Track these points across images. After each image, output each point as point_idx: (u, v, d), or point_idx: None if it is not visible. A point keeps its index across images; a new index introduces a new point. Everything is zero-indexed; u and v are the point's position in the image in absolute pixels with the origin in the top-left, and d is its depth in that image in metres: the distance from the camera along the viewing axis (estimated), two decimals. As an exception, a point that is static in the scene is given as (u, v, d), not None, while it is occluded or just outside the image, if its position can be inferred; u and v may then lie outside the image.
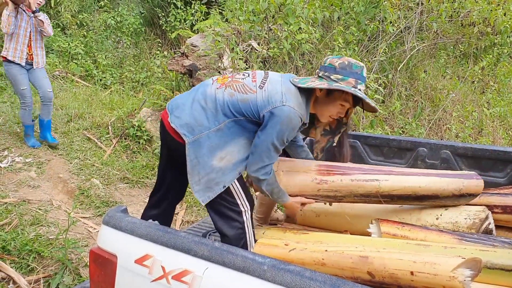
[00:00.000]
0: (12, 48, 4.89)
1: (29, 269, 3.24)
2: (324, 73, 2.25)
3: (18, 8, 4.84)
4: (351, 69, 2.21)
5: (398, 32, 6.34)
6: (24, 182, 4.37)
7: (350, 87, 2.18)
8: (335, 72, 2.22)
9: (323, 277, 1.37)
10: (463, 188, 2.34)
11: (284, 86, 2.24)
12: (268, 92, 2.21)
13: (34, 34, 5.00)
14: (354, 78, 2.21)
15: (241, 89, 2.27)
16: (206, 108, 2.25)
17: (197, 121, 2.24)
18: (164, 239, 1.65)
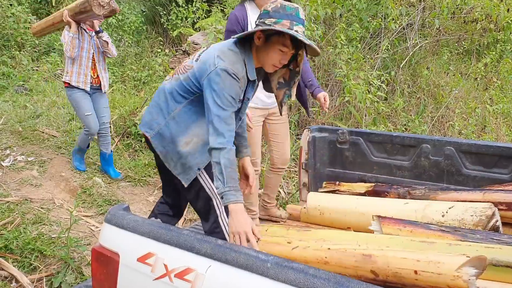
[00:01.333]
0: (76, 72, 4.44)
1: (32, 267, 3.23)
2: (260, 20, 2.22)
3: (80, 28, 4.42)
4: (284, 11, 2.17)
5: (400, 29, 6.31)
6: (26, 180, 4.36)
7: (285, 28, 2.13)
8: (268, 17, 2.18)
9: (327, 274, 1.35)
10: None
11: (218, 50, 2.23)
12: (202, 62, 2.23)
13: (97, 56, 4.56)
14: (289, 20, 2.15)
15: (183, 70, 2.33)
16: (158, 102, 2.35)
17: (153, 117, 2.34)
18: (166, 237, 1.64)
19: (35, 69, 7.87)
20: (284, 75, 2.45)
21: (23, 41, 8.26)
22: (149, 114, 2.38)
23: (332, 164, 3.32)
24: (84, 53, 4.45)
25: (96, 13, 4.00)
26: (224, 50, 2.22)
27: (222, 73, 2.13)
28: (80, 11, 4.10)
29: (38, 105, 6.34)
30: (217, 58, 2.17)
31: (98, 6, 3.96)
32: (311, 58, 6.08)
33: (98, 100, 4.65)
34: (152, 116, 2.36)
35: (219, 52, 2.21)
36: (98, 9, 4.00)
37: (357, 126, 5.46)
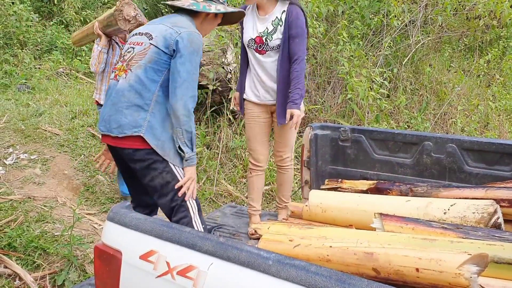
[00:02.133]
0: (104, 90, 4.03)
1: (35, 265, 3.26)
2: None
3: (111, 41, 4.07)
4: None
5: (403, 26, 6.29)
6: (29, 179, 4.38)
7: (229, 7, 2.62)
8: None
9: (328, 272, 1.36)
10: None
11: (170, 22, 2.48)
12: (160, 35, 2.41)
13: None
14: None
15: (139, 57, 2.41)
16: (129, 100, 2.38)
17: (133, 116, 2.37)
18: (168, 235, 1.64)
19: (37, 67, 7.88)
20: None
21: (25, 39, 8.28)
22: (125, 117, 2.38)
23: (334, 162, 3.32)
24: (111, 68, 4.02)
25: (122, 28, 3.68)
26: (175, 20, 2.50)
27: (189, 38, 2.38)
28: (107, 25, 3.83)
29: (41, 103, 6.36)
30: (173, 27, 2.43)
31: (123, 20, 3.65)
32: (313, 55, 6.07)
33: None
34: (132, 117, 2.37)
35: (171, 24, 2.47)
36: (123, 24, 3.66)
37: (360, 123, 5.45)
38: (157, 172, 2.44)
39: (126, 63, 2.45)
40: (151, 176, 2.46)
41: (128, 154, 2.44)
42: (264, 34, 3.20)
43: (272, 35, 3.18)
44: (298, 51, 3.13)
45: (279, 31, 3.15)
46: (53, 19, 9.15)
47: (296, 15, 3.11)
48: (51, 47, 8.51)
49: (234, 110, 5.48)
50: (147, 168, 2.45)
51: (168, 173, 2.45)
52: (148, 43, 2.42)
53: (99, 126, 2.54)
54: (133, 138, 2.39)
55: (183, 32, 2.38)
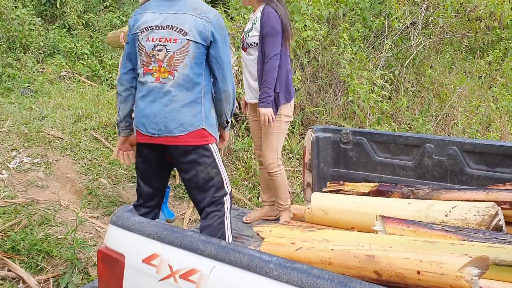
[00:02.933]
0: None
1: (39, 268, 3.27)
2: None
3: None
4: None
5: (404, 28, 6.30)
6: (32, 182, 4.40)
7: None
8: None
9: (330, 275, 1.37)
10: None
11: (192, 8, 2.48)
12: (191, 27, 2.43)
13: None
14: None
15: (181, 55, 2.46)
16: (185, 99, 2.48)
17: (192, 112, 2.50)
18: (171, 238, 1.66)
19: (40, 71, 7.90)
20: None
21: (28, 43, 8.31)
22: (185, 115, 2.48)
23: (335, 164, 3.33)
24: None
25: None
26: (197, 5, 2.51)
27: (219, 23, 2.48)
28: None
29: (44, 107, 6.38)
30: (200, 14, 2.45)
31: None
32: (314, 58, 6.09)
33: None
34: (190, 113, 2.49)
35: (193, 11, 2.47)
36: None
37: (361, 125, 5.46)
38: (203, 166, 2.55)
39: (165, 63, 2.46)
40: (197, 171, 2.55)
41: (183, 150, 2.53)
42: (245, 32, 3.39)
43: (249, 33, 3.33)
44: (269, 50, 3.19)
45: (255, 29, 3.28)
46: (56, 22, 9.18)
47: (267, 15, 3.18)
48: (54, 50, 8.53)
49: (236, 112, 5.49)
50: (195, 163, 2.54)
51: (214, 168, 2.57)
52: (185, 40, 2.43)
53: (147, 130, 2.55)
54: (194, 134, 2.51)
55: (212, 19, 2.44)
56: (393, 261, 1.79)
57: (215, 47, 2.46)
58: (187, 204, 4.57)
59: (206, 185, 2.58)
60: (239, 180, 4.91)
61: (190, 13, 2.44)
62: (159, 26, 2.46)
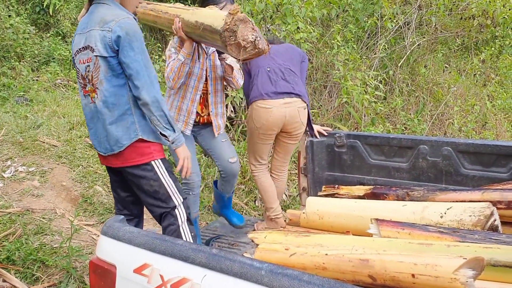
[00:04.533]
0: (175, 107, 3.16)
1: (34, 278, 3.24)
2: None
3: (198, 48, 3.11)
4: None
5: (397, 28, 6.31)
6: (27, 191, 4.37)
7: None
8: None
9: (321, 280, 1.36)
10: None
11: (95, 22, 2.41)
12: (96, 44, 2.38)
13: (212, 84, 3.20)
14: None
15: (95, 73, 2.42)
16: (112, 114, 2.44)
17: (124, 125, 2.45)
18: (161, 248, 1.64)
19: (35, 79, 7.88)
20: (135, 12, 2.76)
21: (23, 51, 8.28)
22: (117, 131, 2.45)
23: (330, 168, 3.32)
24: (192, 81, 3.13)
25: (231, 55, 2.65)
26: (101, 16, 2.41)
27: (123, 29, 2.33)
28: (199, 35, 2.78)
29: (39, 115, 6.36)
30: (104, 26, 2.36)
31: (236, 46, 2.56)
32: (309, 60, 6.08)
33: (210, 136, 3.35)
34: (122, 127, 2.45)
35: (97, 24, 2.39)
36: (235, 51, 2.58)
37: (357, 126, 5.46)
38: (146, 180, 2.52)
39: (91, 83, 2.47)
40: (139, 184, 2.55)
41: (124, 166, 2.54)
42: None
43: None
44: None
45: None
46: (50, 30, 9.16)
47: None
48: (49, 58, 8.50)
49: (231, 116, 5.48)
50: (137, 177, 2.53)
51: (156, 181, 2.53)
52: (94, 56, 2.40)
53: (100, 150, 2.58)
54: (132, 148, 2.47)
55: (113, 27, 2.33)
56: (388, 265, 1.78)
57: (121, 54, 2.35)
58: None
59: (151, 199, 2.57)
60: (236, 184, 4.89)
61: (96, 28, 2.40)
62: (83, 48, 2.47)
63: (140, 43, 2.37)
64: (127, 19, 2.37)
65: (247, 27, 2.54)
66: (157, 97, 2.38)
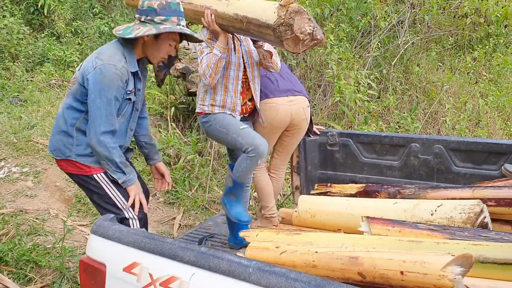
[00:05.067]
0: (219, 102, 2.94)
1: (27, 279, 3.24)
2: (146, 17, 2.33)
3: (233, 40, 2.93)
4: (170, 8, 2.32)
5: (391, 27, 6.32)
6: (21, 192, 4.37)
7: (175, 25, 2.31)
8: (156, 14, 2.31)
9: (308, 277, 1.36)
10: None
11: (96, 52, 2.38)
12: (82, 68, 2.37)
13: (251, 71, 3.04)
14: (176, 16, 2.33)
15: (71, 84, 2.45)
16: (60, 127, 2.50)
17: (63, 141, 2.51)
18: (150, 246, 1.65)
19: (30, 80, 7.86)
20: (163, 59, 2.56)
21: (17, 52, 8.27)
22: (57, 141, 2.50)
23: (323, 167, 3.33)
24: (231, 71, 2.95)
25: (288, 50, 2.42)
26: (102, 49, 2.39)
27: (102, 70, 2.27)
28: (244, 29, 2.56)
29: (33, 116, 6.34)
30: (95, 59, 2.32)
31: (293, 40, 2.35)
32: (303, 59, 6.09)
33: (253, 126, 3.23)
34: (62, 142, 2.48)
35: (96, 54, 2.35)
36: (292, 45, 2.37)
37: (351, 125, 5.47)
38: (90, 192, 2.56)
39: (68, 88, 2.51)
40: (87, 194, 2.62)
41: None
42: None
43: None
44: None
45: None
46: (44, 31, 9.15)
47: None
48: (43, 59, 8.48)
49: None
50: (81, 186, 2.60)
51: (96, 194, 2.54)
52: (77, 71, 2.43)
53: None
54: (66, 162, 2.50)
55: (97, 66, 2.29)
56: (377, 262, 1.78)
57: (88, 94, 2.34)
58: (177, 210, 4.55)
59: (101, 208, 2.58)
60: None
61: (93, 55, 2.40)
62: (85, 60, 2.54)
63: (109, 94, 2.30)
64: (111, 68, 2.29)
65: (303, 18, 2.32)
66: (108, 147, 2.36)
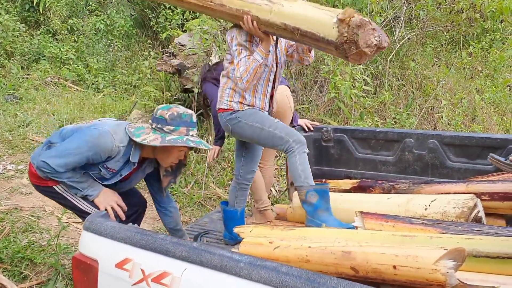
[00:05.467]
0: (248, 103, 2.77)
1: (22, 276, 3.23)
2: (157, 125, 2.41)
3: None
4: (180, 119, 2.40)
5: (387, 22, 6.30)
6: (16, 189, 4.36)
7: (183, 136, 2.39)
8: (166, 124, 2.39)
9: (298, 271, 1.37)
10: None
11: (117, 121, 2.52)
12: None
13: (280, 71, 2.90)
14: (185, 126, 2.41)
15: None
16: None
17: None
18: (142, 242, 1.64)
19: (25, 77, 7.84)
20: (173, 164, 2.63)
21: (12, 49, 8.24)
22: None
23: (318, 162, 3.33)
24: (264, 74, 2.76)
25: (355, 63, 2.34)
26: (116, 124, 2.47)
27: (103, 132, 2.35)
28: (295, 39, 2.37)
29: (28, 113, 6.33)
30: (106, 121, 2.49)
31: (358, 55, 2.16)
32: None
33: None
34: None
35: (114, 122, 2.49)
36: (357, 58, 2.19)
37: (347, 121, 5.46)
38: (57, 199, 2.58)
39: None
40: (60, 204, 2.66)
41: None
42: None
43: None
44: None
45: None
46: (40, 28, 9.12)
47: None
48: (39, 56, 8.46)
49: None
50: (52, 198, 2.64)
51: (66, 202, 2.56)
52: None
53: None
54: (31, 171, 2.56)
55: (100, 127, 2.40)
56: (369, 257, 1.78)
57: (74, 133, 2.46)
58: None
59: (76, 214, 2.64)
60: (226, 180, 4.90)
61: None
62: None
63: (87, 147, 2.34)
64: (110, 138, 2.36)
65: (366, 30, 2.10)
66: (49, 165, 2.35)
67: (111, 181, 2.54)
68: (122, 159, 2.44)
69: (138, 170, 2.62)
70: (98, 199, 2.49)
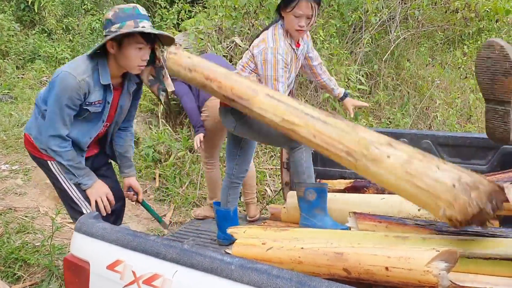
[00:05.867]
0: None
1: (16, 277, 3.23)
2: (106, 30, 2.34)
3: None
4: (124, 13, 2.32)
5: (382, 22, 6.31)
6: (10, 189, 4.34)
7: (132, 28, 2.28)
8: (112, 24, 2.31)
9: (289, 274, 1.36)
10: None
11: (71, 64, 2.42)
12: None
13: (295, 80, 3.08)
14: (132, 19, 2.31)
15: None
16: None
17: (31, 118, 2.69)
18: (133, 244, 1.63)
19: (20, 77, 7.81)
20: (151, 72, 2.58)
21: (7, 49, 8.21)
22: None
23: (312, 162, 3.31)
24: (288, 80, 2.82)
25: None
26: (72, 62, 2.41)
27: (64, 76, 2.30)
28: None
29: (23, 113, 6.30)
30: (62, 66, 2.42)
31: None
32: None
33: None
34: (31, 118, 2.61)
35: (65, 67, 2.39)
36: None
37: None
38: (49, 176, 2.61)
39: None
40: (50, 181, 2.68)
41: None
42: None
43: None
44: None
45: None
46: (35, 28, 9.09)
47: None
48: (34, 56, 8.43)
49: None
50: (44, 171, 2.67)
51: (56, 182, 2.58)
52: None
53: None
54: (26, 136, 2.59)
55: (60, 74, 2.34)
56: (362, 258, 1.78)
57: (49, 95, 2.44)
58: (167, 207, 4.54)
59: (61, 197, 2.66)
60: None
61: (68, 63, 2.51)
62: None
63: (60, 98, 2.32)
64: (68, 76, 2.31)
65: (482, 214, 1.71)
66: (53, 150, 2.41)
67: (105, 112, 2.53)
68: (98, 87, 2.41)
69: (122, 92, 2.58)
70: (91, 190, 2.54)
